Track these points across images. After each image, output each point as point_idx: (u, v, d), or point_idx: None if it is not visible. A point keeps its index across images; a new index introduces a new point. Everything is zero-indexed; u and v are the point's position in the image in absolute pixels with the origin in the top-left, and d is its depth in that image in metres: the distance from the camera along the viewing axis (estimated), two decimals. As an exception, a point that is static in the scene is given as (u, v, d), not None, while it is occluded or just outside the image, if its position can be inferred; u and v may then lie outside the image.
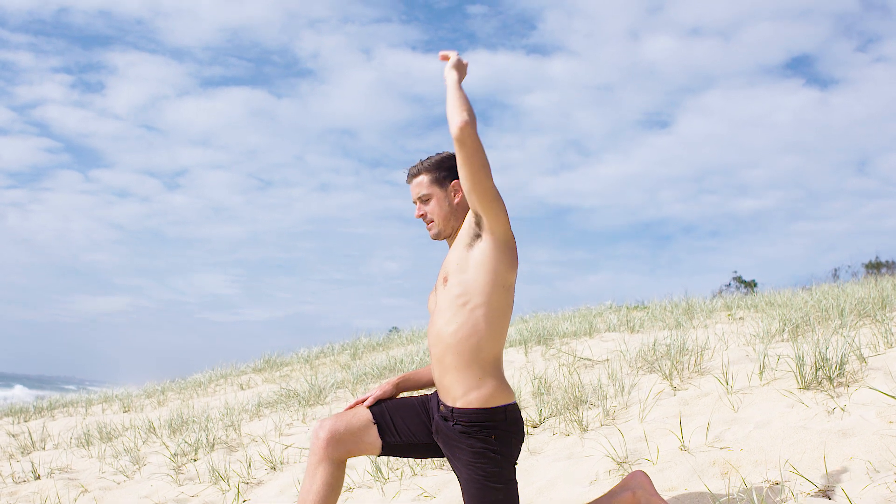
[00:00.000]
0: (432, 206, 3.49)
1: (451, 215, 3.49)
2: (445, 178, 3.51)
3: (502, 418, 3.28)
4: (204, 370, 13.39)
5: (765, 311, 8.17)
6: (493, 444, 3.26)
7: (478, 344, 3.28)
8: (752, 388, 5.07)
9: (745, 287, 34.20)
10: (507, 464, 3.30)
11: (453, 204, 3.49)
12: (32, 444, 8.58)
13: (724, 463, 4.10)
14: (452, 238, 3.51)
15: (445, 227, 3.49)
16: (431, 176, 3.52)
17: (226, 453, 6.73)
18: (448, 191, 3.49)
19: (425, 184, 3.51)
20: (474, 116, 3.20)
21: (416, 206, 3.55)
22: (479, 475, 3.27)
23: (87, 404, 11.80)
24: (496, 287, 3.29)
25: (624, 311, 10.41)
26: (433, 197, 3.49)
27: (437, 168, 3.52)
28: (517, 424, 3.36)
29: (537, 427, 5.58)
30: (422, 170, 3.53)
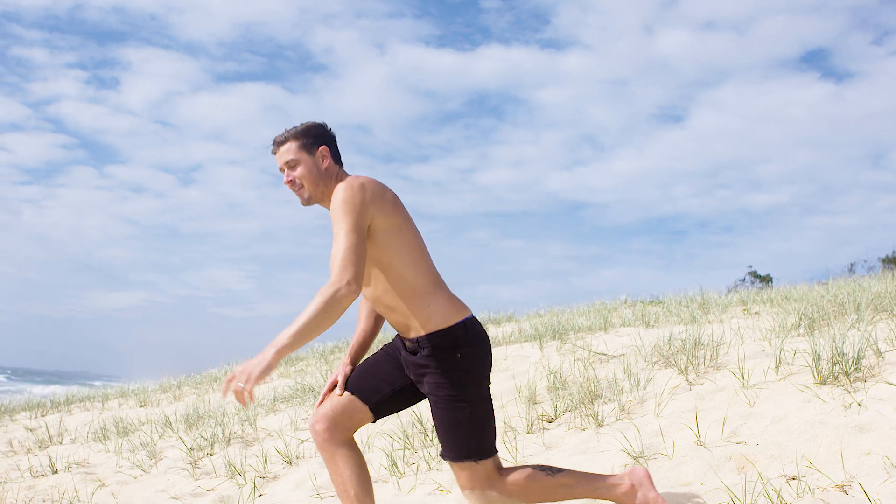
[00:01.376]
0: (301, 172, 3.54)
1: (320, 179, 3.56)
2: (313, 145, 3.58)
3: (463, 333, 3.41)
4: (219, 365, 13.43)
5: (780, 305, 8.14)
6: (459, 362, 3.38)
7: (407, 286, 3.43)
8: (768, 383, 5.05)
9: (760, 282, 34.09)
10: (474, 381, 3.41)
11: (322, 169, 3.56)
12: (50, 439, 8.63)
13: (740, 458, 4.10)
14: (324, 202, 3.59)
15: (315, 192, 3.56)
16: (299, 142, 3.58)
17: (242, 448, 6.76)
18: (316, 157, 3.57)
19: (293, 150, 3.56)
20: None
21: (283, 173, 3.59)
22: (444, 394, 3.39)
23: (104, 399, 11.86)
24: (384, 240, 3.40)
25: (639, 305, 10.39)
26: (301, 162, 3.55)
27: (304, 135, 3.59)
28: (480, 337, 3.47)
29: (552, 422, 5.59)
30: (289, 137, 3.59)
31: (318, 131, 3.61)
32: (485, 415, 3.42)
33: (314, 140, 3.58)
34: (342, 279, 3.17)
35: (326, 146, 3.58)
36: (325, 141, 3.60)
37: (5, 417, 11.20)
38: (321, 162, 3.55)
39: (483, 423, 3.41)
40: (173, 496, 5.72)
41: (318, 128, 3.61)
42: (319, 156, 3.56)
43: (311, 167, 3.54)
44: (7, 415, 11.37)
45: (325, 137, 3.61)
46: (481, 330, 3.50)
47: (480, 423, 3.40)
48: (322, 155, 3.56)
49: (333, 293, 3.14)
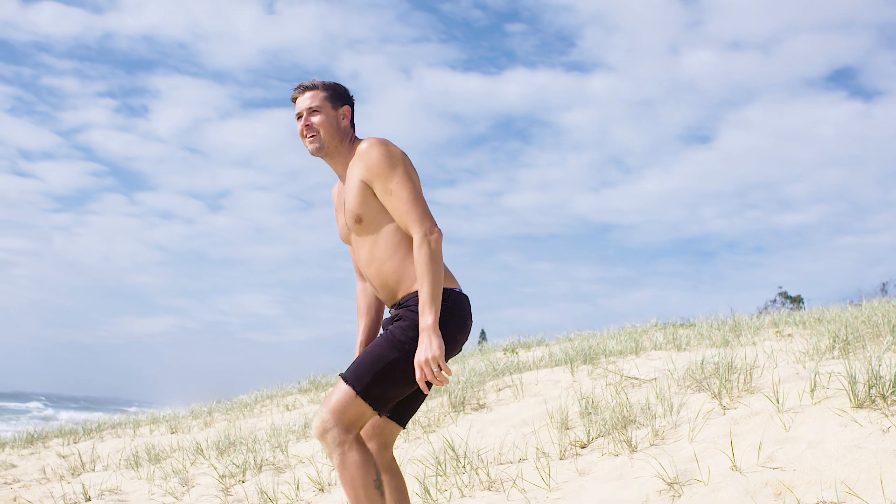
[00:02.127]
0: (320, 120, 3.58)
1: (337, 134, 3.60)
2: (338, 101, 3.64)
3: (444, 301, 3.39)
4: (249, 391, 13.46)
5: (813, 327, 8.07)
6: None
7: (403, 248, 3.48)
8: (804, 407, 5.00)
9: (790, 303, 33.87)
10: None
11: (340, 126, 3.61)
12: (82, 466, 8.67)
13: (777, 483, 4.05)
14: (332, 158, 3.64)
15: (329, 143, 3.59)
16: (327, 93, 3.63)
17: (273, 475, 6.76)
18: (338, 112, 3.62)
19: (319, 98, 3.61)
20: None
21: (300, 119, 3.62)
22: (390, 334, 3.39)
23: (135, 426, 11.91)
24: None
25: (670, 328, 10.34)
26: (323, 112, 3.59)
27: (332, 88, 3.65)
28: (459, 313, 3.45)
29: (585, 447, 5.55)
30: (318, 85, 3.64)
31: (345, 91, 3.67)
32: (403, 375, 3.34)
33: (339, 97, 3.64)
34: (424, 230, 3.35)
35: (349, 107, 3.66)
36: (348, 101, 3.67)
37: (38, 444, 11.25)
38: (341, 119, 3.61)
39: (395, 377, 3.34)
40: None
41: (345, 88, 3.68)
42: (341, 113, 3.62)
43: (332, 119, 3.59)
44: (40, 441, 11.43)
45: (349, 99, 3.68)
46: (464, 305, 3.50)
47: (392, 375, 3.33)
48: (343, 114, 3.62)
49: (430, 246, 3.33)
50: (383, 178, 3.40)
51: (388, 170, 3.40)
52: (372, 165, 3.41)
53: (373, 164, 3.41)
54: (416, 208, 3.37)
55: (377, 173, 3.40)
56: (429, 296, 3.28)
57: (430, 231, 3.34)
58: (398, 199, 3.39)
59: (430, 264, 3.30)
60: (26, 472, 9.02)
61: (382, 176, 3.40)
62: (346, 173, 3.59)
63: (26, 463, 9.79)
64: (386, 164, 3.40)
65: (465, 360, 10.65)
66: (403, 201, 3.38)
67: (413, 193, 3.39)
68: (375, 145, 3.44)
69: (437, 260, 3.32)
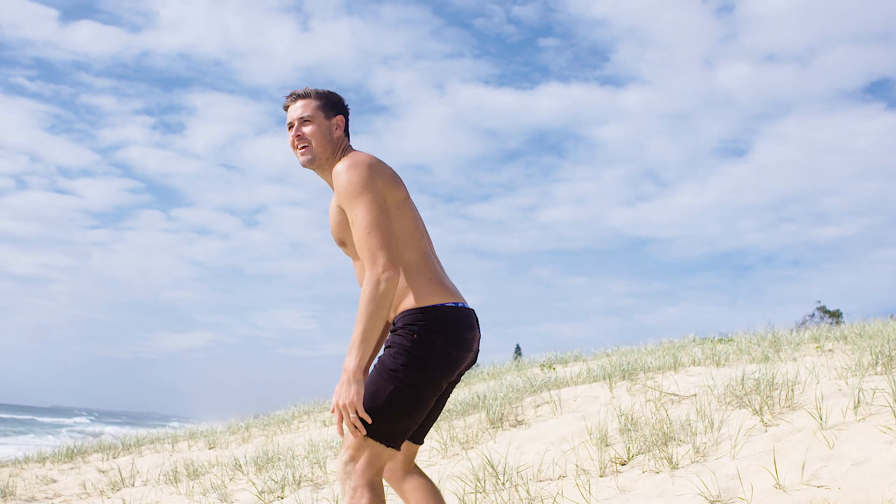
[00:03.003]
0: (312, 130, 3.47)
1: (329, 145, 3.48)
2: (331, 110, 3.52)
3: (431, 317, 3.26)
4: (286, 406, 13.49)
5: (855, 342, 7.98)
6: (413, 343, 3.22)
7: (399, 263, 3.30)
8: (848, 424, 4.94)
9: (829, 317, 33.52)
10: (417, 368, 3.21)
11: (333, 137, 3.49)
12: (122, 481, 8.73)
13: (822, 502, 4.00)
14: (323, 171, 3.51)
15: (321, 155, 3.47)
16: (320, 102, 3.52)
17: (312, 491, 6.77)
18: (331, 122, 3.50)
19: (312, 107, 3.49)
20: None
21: (291, 129, 3.51)
22: (382, 365, 3.25)
23: (174, 441, 11.98)
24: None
25: (708, 344, 10.26)
26: (315, 122, 3.48)
27: (325, 98, 3.53)
28: (450, 326, 3.29)
29: (625, 464, 5.52)
30: (311, 94, 3.52)
31: (339, 100, 3.57)
32: (406, 405, 3.23)
33: (333, 106, 3.54)
34: (377, 269, 3.16)
35: (343, 117, 3.55)
36: (342, 111, 3.56)
37: (78, 459, 11.34)
38: (334, 129, 3.50)
39: (398, 409, 3.21)
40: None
41: (339, 97, 3.58)
42: (334, 123, 3.51)
43: (325, 130, 3.48)
44: (80, 456, 11.52)
45: (343, 108, 3.57)
46: (456, 321, 3.32)
47: (395, 408, 3.20)
48: (337, 124, 3.51)
49: (375, 288, 3.15)
50: (348, 207, 3.26)
51: (351, 199, 3.24)
52: (340, 191, 3.28)
53: (340, 191, 3.27)
54: (370, 242, 3.19)
55: (343, 200, 3.27)
56: (358, 337, 3.16)
57: (382, 270, 3.15)
58: (356, 231, 3.23)
59: (369, 306, 3.15)
60: (67, 487, 9.10)
61: (347, 204, 3.26)
62: None
63: (66, 478, 9.88)
64: (350, 193, 3.25)
65: (502, 376, 10.64)
66: (359, 236, 3.22)
67: (370, 227, 3.20)
68: (345, 170, 3.28)
69: (379, 303, 3.16)
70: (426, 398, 3.26)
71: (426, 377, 3.22)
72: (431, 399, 3.28)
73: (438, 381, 3.26)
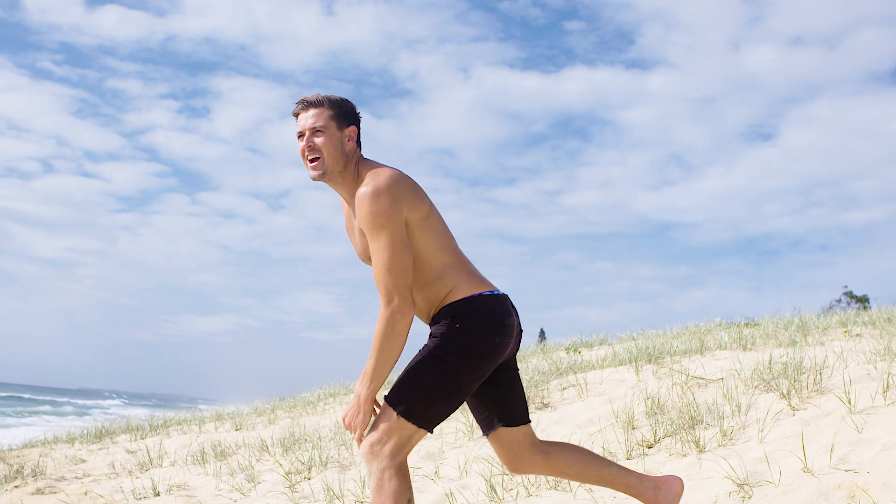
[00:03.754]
0: (323, 141, 3.36)
1: (342, 157, 3.38)
2: (344, 121, 3.42)
3: (471, 307, 3.29)
4: (311, 389, 13.56)
5: (883, 327, 7.93)
6: (454, 330, 3.26)
7: (432, 270, 3.34)
8: (877, 409, 4.92)
9: (856, 302, 33.30)
10: (459, 354, 3.24)
11: (345, 149, 3.39)
12: (150, 461, 8.81)
13: (850, 486, 3.99)
14: (335, 183, 3.42)
15: (333, 168, 3.38)
16: (333, 112, 3.40)
17: (339, 472, 6.81)
18: (344, 133, 3.40)
19: (325, 117, 3.38)
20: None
21: (301, 139, 3.41)
22: (426, 349, 3.29)
23: (200, 422, 12.06)
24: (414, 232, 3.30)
25: (735, 328, 10.22)
26: (328, 133, 3.37)
27: (339, 107, 3.42)
28: (490, 314, 3.31)
29: (652, 447, 5.52)
30: (324, 102, 3.40)
31: (352, 109, 3.46)
32: (444, 389, 3.24)
33: (346, 116, 3.43)
34: (391, 305, 3.18)
35: (355, 127, 3.45)
36: (355, 121, 3.45)
37: (106, 440, 11.45)
38: (346, 141, 3.40)
39: (436, 392, 3.24)
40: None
41: (352, 106, 3.47)
42: (346, 134, 3.41)
43: (337, 142, 3.37)
44: (108, 437, 11.63)
45: (356, 118, 3.47)
46: (497, 308, 3.35)
47: (433, 390, 3.23)
48: (349, 135, 3.41)
49: (390, 327, 3.18)
50: (369, 237, 3.23)
51: (373, 230, 3.21)
52: (362, 219, 3.24)
53: (363, 218, 3.23)
54: (387, 280, 3.18)
55: (366, 230, 3.24)
56: (371, 369, 3.21)
57: (398, 310, 3.17)
58: (376, 264, 3.22)
59: (383, 343, 3.18)
60: (96, 467, 9.19)
61: (368, 234, 3.23)
62: (352, 199, 3.43)
63: (95, 458, 9.97)
64: (372, 224, 3.21)
65: (527, 359, 10.64)
66: (377, 270, 3.21)
67: (388, 264, 3.19)
68: (368, 199, 3.21)
69: (392, 340, 3.19)
70: (465, 385, 3.28)
71: (468, 365, 3.25)
72: (471, 386, 3.30)
73: (479, 368, 3.28)
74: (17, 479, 8.40)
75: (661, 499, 3.57)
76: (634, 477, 3.60)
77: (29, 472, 8.63)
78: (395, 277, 3.19)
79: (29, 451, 11.07)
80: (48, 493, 7.76)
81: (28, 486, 8.05)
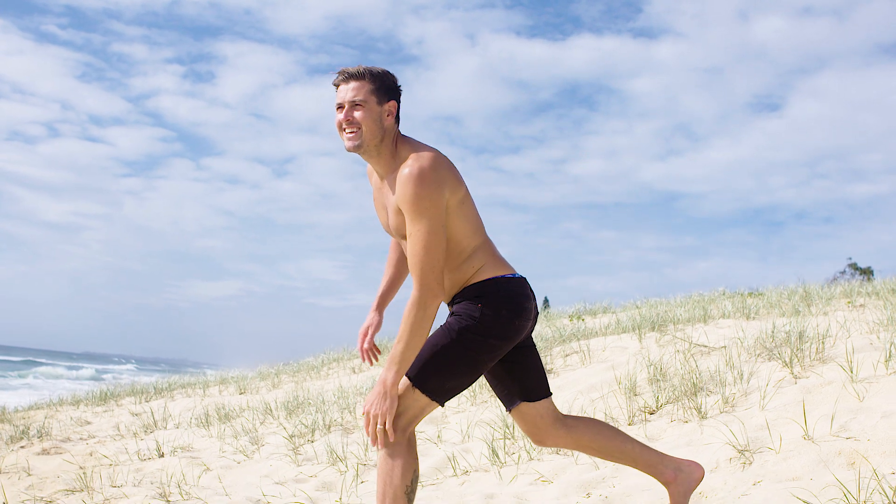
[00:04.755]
0: (363, 116, 3.30)
1: (379, 132, 3.33)
2: (384, 95, 3.35)
3: (493, 289, 3.32)
4: (315, 354, 13.61)
5: (887, 298, 7.93)
6: (475, 309, 3.28)
7: (463, 252, 3.36)
8: (878, 378, 4.94)
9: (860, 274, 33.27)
10: (479, 333, 3.26)
11: (383, 124, 3.34)
12: (155, 424, 8.86)
13: (850, 453, 4.01)
14: (370, 156, 3.38)
15: (370, 141, 3.32)
16: (374, 86, 3.33)
17: (342, 435, 6.85)
18: (383, 108, 3.34)
19: (365, 91, 3.31)
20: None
21: (340, 110, 3.36)
22: (447, 325, 3.31)
23: (205, 386, 12.13)
24: (450, 215, 3.30)
25: (738, 297, 10.23)
26: (367, 107, 3.31)
27: (381, 80, 3.35)
28: (512, 297, 3.33)
29: (654, 413, 5.54)
30: (365, 75, 3.33)
31: (393, 83, 3.39)
32: (460, 366, 3.26)
33: (387, 91, 3.36)
34: (425, 293, 3.19)
35: (395, 102, 3.39)
36: (395, 96, 3.39)
37: (111, 402, 11.53)
38: (385, 116, 3.34)
39: (452, 367, 3.25)
40: (277, 481, 5.82)
41: (394, 79, 3.40)
42: (386, 109, 3.34)
43: (376, 116, 3.31)
44: (113, 400, 11.70)
45: (397, 92, 3.40)
46: (519, 291, 3.37)
47: (449, 365, 3.25)
48: (389, 110, 3.35)
49: (422, 311, 3.19)
50: (408, 220, 3.22)
51: (414, 212, 3.20)
52: (403, 202, 3.22)
53: (403, 202, 3.22)
54: (424, 263, 3.20)
55: (406, 211, 3.22)
56: (399, 353, 3.19)
57: (429, 295, 3.19)
58: (412, 246, 3.21)
59: (413, 327, 3.18)
60: (101, 429, 9.26)
61: (408, 216, 3.22)
62: (387, 174, 3.40)
63: (100, 420, 10.04)
64: (415, 206, 3.20)
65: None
66: (414, 251, 3.20)
67: (427, 248, 3.20)
68: (411, 181, 3.20)
69: (423, 325, 3.19)
70: (481, 363, 3.30)
71: (487, 345, 3.28)
72: (487, 365, 3.33)
73: (497, 348, 3.31)
74: (23, 440, 8.47)
75: (680, 480, 3.57)
76: (656, 455, 3.62)
77: (35, 432, 8.70)
78: (432, 262, 3.20)
79: (35, 413, 11.15)
80: (53, 454, 7.82)
81: (34, 447, 8.10)
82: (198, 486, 5.99)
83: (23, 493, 6.09)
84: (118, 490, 5.98)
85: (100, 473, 6.61)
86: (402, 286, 3.87)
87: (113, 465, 7.05)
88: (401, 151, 3.36)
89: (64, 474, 6.74)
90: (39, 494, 6.06)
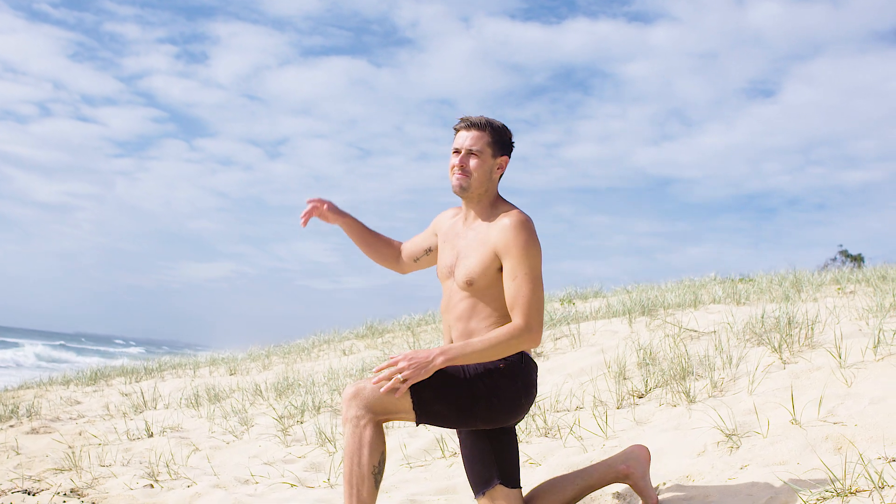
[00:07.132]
0: (476, 165, 3.47)
1: (487, 182, 3.51)
2: (499, 149, 3.53)
3: (517, 358, 3.45)
4: (306, 336, 13.60)
5: (877, 285, 7.95)
6: (496, 367, 3.40)
7: (497, 321, 3.48)
8: (867, 363, 4.95)
9: (851, 261, 33.34)
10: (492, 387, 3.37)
11: (492, 176, 3.52)
12: (144, 404, 8.86)
13: (838, 438, 4.02)
14: (470, 201, 3.55)
15: (476, 190, 3.51)
16: (493, 139, 3.51)
17: (331, 416, 6.85)
18: (496, 162, 3.52)
19: (484, 142, 3.49)
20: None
21: (456, 155, 3.51)
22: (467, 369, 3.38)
23: (195, 367, 12.12)
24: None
25: (729, 283, 10.25)
26: (482, 157, 3.48)
27: (500, 134, 3.53)
28: (530, 373, 3.50)
29: (643, 397, 5.55)
30: (486, 127, 3.50)
31: (509, 139, 3.57)
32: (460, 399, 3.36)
33: (503, 146, 3.54)
34: (532, 328, 3.32)
35: (507, 158, 3.56)
36: (508, 151, 3.57)
37: (101, 382, 11.52)
38: (496, 169, 3.53)
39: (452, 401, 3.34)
40: (266, 462, 5.83)
41: (510, 135, 3.57)
42: (498, 163, 3.53)
43: (488, 168, 3.50)
44: (103, 380, 11.69)
45: (510, 148, 3.57)
46: (533, 374, 3.52)
47: (452, 397, 3.33)
48: (500, 164, 3.54)
49: (520, 337, 3.31)
50: (517, 262, 3.36)
51: (525, 258, 3.35)
52: (512, 246, 3.36)
53: (513, 245, 3.36)
54: (534, 297, 3.34)
55: (515, 255, 3.36)
56: (469, 352, 3.28)
57: (531, 331, 3.33)
58: (521, 287, 3.34)
59: (497, 345, 3.30)
60: (90, 409, 9.26)
61: (518, 259, 3.36)
62: (475, 223, 3.55)
63: (90, 400, 10.04)
64: (526, 253, 3.36)
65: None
66: (524, 293, 3.34)
67: (536, 292, 3.35)
68: (524, 229, 3.38)
69: (504, 351, 3.32)
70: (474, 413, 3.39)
71: (490, 400, 3.39)
72: (477, 418, 3.41)
73: (495, 409, 3.41)
74: (13, 419, 8.47)
75: (633, 467, 3.71)
76: (603, 464, 3.75)
77: (24, 412, 8.70)
78: (539, 301, 3.36)
79: (24, 392, 11.15)
80: (43, 433, 7.82)
81: (23, 426, 8.11)
82: (186, 466, 5.99)
83: (11, 472, 6.09)
84: (107, 469, 5.99)
85: (88, 453, 6.61)
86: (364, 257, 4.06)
87: (102, 444, 7.04)
88: (499, 205, 3.55)
89: (53, 453, 6.75)
90: (28, 473, 6.06)
